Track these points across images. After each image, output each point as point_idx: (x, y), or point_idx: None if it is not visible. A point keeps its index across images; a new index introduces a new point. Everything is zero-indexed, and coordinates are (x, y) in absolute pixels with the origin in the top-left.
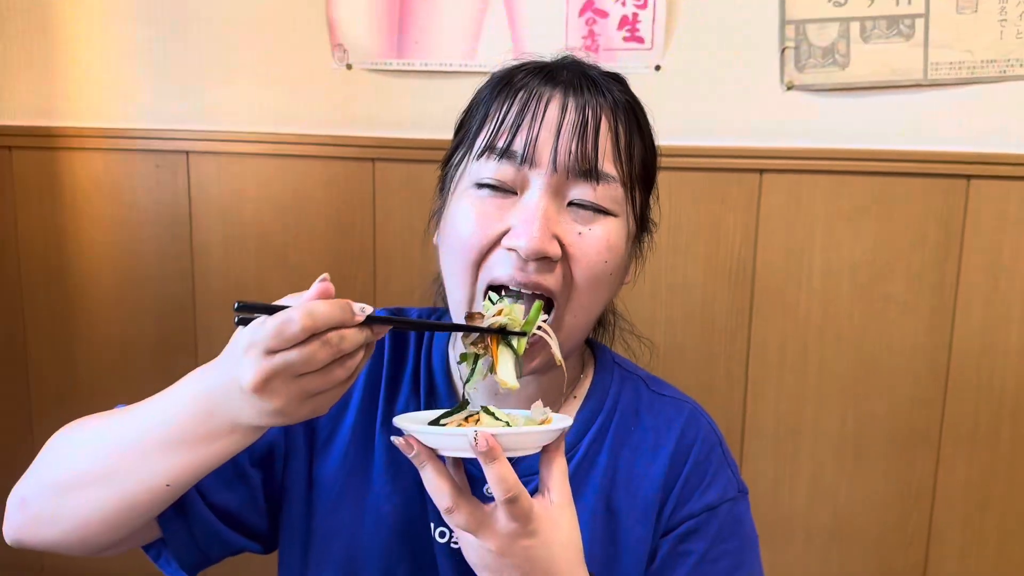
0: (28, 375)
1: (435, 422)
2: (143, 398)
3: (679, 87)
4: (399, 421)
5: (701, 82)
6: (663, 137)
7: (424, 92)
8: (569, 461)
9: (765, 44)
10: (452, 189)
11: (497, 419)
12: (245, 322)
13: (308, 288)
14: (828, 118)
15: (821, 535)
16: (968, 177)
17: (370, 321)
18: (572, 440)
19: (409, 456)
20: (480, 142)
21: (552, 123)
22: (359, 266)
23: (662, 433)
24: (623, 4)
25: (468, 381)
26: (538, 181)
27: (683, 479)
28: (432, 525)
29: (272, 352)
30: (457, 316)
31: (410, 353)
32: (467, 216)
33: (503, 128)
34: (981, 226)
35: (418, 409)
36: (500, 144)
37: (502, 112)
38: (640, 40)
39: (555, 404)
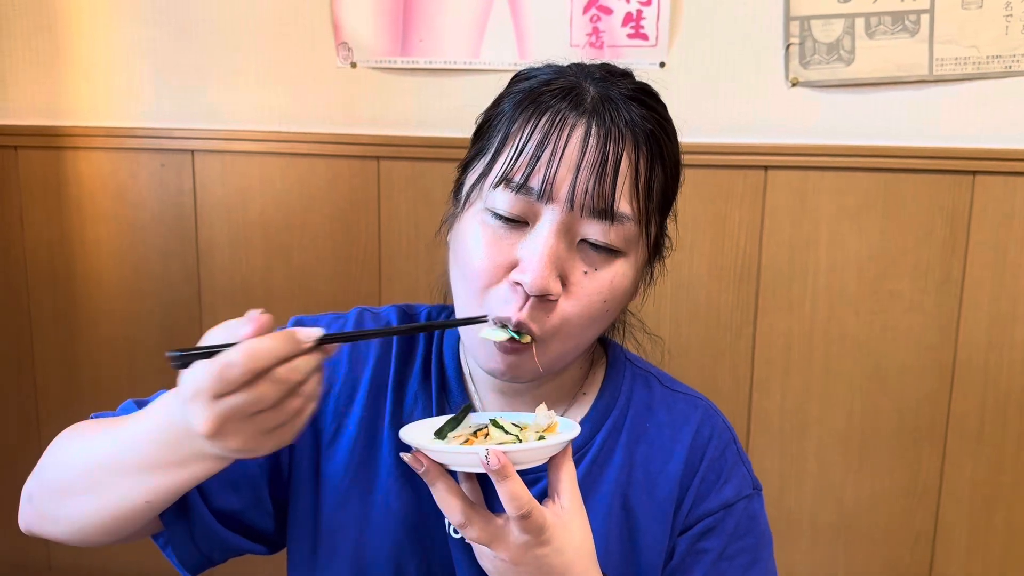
0: (34, 373)
1: (441, 431)
2: (147, 396)
3: (683, 84)
4: (406, 435)
5: (705, 79)
6: None
7: (429, 90)
8: (582, 458)
9: (770, 40)
10: (466, 204)
11: (506, 432)
12: (185, 365)
13: (246, 313)
14: (833, 114)
15: (827, 532)
16: (974, 173)
17: (321, 341)
18: (585, 437)
19: (419, 472)
20: (497, 170)
21: (572, 159)
22: (364, 264)
23: (677, 430)
24: (627, 1)
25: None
26: (551, 216)
27: (700, 476)
28: (447, 522)
29: (219, 396)
30: (461, 329)
31: (419, 347)
32: (477, 243)
33: (521, 159)
34: (987, 222)
35: (428, 404)
36: (517, 179)
37: (523, 138)
38: (644, 37)
39: (564, 402)
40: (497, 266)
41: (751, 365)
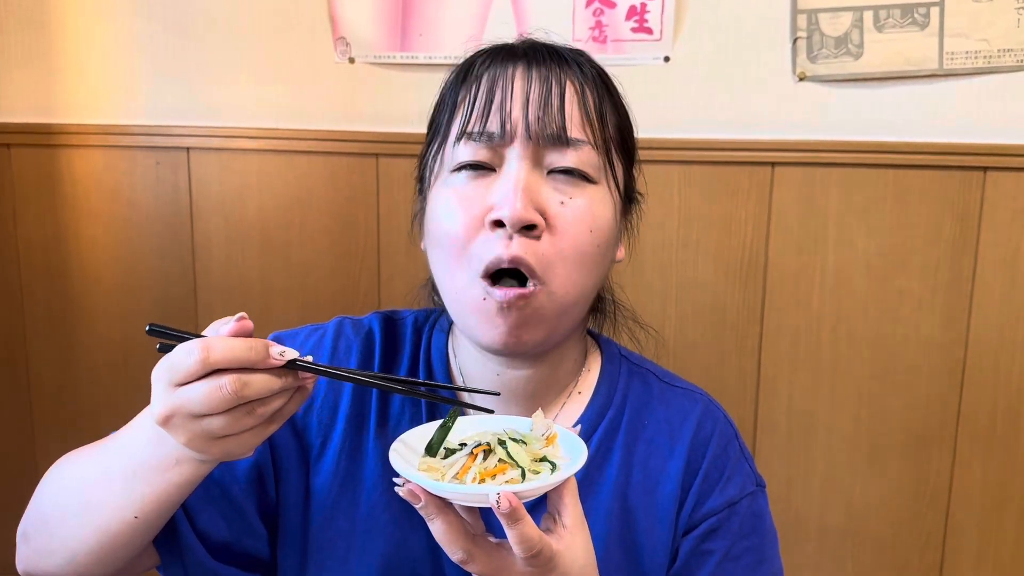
0: (28, 374)
1: (431, 447)
2: (143, 398)
3: (688, 79)
4: (400, 464)
5: (711, 73)
6: (672, 130)
7: (428, 86)
8: None
9: (777, 34)
10: (431, 183)
11: (510, 454)
12: (166, 348)
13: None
14: (841, 109)
15: (834, 535)
16: (984, 169)
17: (293, 366)
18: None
19: (415, 506)
20: (454, 130)
21: (520, 95)
22: (363, 263)
23: (677, 426)
24: None
25: None
26: (515, 153)
27: (702, 475)
28: None
29: (175, 385)
30: (454, 311)
31: (406, 349)
32: (449, 202)
33: (475, 112)
34: (998, 219)
35: (417, 411)
36: (475, 128)
37: (471, 97)
38: (649, 31)
39: (558, 401)
40: (473, 218)
41: (758, 365)
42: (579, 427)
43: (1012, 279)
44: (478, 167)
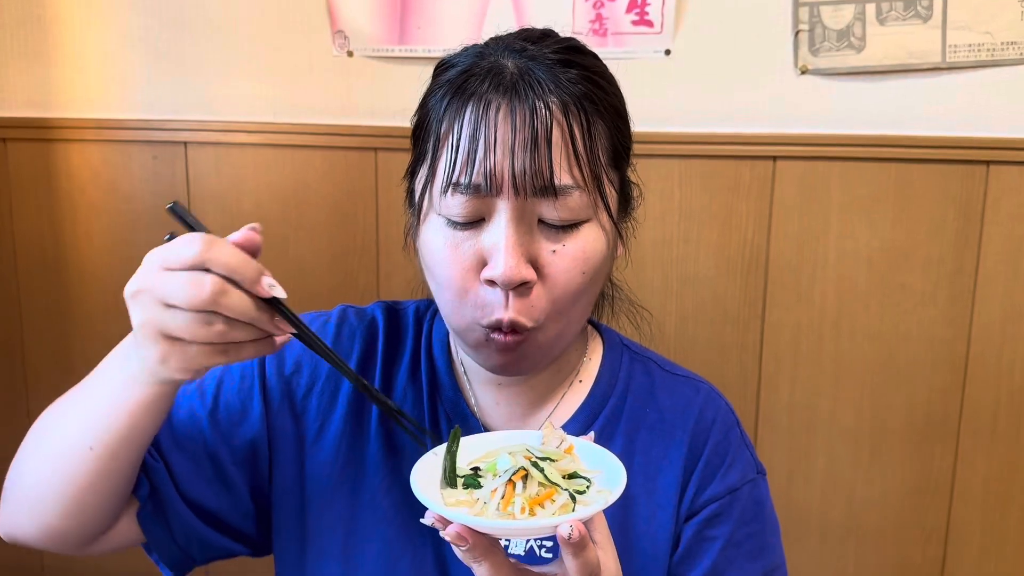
0: (25, 369)
1: (450, 477)
2: None
3: (689, 72)
4: (444, 507)
5: (712, 67)
6: (673, 124)
7: (427, 80)
8: None
9: (778, 27)
10: (422, 213)
11: (546, 476)
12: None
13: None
14: (843, 103)
15: (836, 531)
16: (987, 163)
17: (274, 305)
18: (581, 425)
19: (460, 548)
20: (440, 176)
21: (505, 142)
22: (361, 258)
23: (679, 414)
24: None
25: None
26: (502, 206)
27: (704, 461)
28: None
29: (164, 269)
30: (454, 336)
31: (407, 338)
32: (441, 252)
33: (460, 160)
34: (1001, 213)
35: (419, 399)
36: (462, 181)
37: (455, 136)
38: (649, 24)
39: (560, 390)
40: (466, 270)
41: (759, 360)
42: (592, 435)
43: (1015, 273)
44: (468, 221)
